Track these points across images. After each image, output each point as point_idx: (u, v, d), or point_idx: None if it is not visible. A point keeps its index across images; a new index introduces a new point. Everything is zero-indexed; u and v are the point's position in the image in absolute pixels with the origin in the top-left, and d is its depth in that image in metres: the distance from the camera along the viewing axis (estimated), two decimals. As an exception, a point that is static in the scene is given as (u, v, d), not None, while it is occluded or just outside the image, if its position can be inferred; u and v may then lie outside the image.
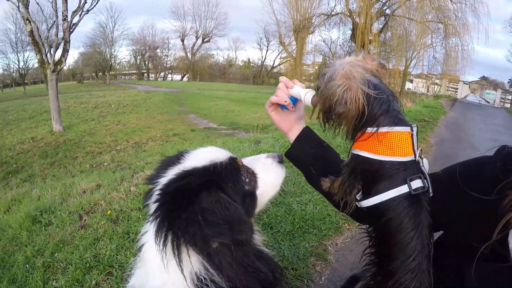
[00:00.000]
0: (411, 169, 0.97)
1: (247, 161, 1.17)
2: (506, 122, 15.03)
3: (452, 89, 32.00)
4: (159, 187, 0.96)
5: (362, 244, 1.08)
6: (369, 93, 0.96)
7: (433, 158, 6.69)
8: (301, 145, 1.33)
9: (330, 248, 3.24)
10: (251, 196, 1.08)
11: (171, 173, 1.00)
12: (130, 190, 4.09)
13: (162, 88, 36.36)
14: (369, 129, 0.98)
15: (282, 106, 1.30)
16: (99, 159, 11.19)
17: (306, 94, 1.21)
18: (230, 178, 1.01)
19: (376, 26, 24.36)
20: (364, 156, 1.00)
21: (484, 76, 54.24)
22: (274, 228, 3.34)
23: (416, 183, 0.96)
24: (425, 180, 0.97)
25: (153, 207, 0.91)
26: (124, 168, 7.77)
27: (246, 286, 0.88)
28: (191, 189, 0.89)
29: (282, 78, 1.30)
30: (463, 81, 29.68)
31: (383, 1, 23.72)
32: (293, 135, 1.35)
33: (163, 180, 0.98)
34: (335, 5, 25.38)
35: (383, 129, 0.97)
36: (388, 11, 24.15)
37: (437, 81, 33.44)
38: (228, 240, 0.84)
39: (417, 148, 0.99)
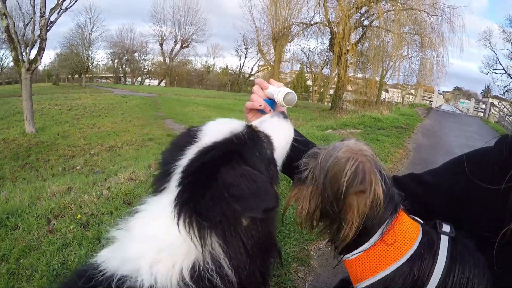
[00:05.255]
0: (432, 234, 0.93)
1: (257, 126, 1.06)
2: (481, 129, 15.41)
3: (427, 99, 32.75)
4: (179, 169, 0.86)
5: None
6: (382, 175, 0.88)
7: (411, 163, 6.74)
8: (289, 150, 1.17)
9: (312, 253, 3.14)
10: (273, 161, 0.98)
11: (190, 153, 0.89)
12: (102, 194, 3.92)
13: (138, 93, 35.83)
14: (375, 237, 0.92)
15: (261, 111, 1.20)
16: (72, 162, 10.87)
17: (278, 93, 1.10)
18: (255, 147, 0.92)
19: (354, 36, 24.90)
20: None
21: (457, 87, 55.91)
22: (253, 234, 3.24)
23: (446, 227, 0.94)
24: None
25: (176, 191, 0.81)
26: (98, 172, 7.57)
27: (252, 275, 0.82)
28: (212, 164, 0.81)
29: (257, 80, 1.21)
30: (438, 91, 30.38)
31: (362, 12, 24.24)
32: None
33: (183, 161, 0.88)
34: (314, 15, 25.86)
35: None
36: (366, 22, 24.70)
37: (412, 91, 34.19)
38: (259, 213, 0.78)
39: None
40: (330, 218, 0.92)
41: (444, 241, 0.90)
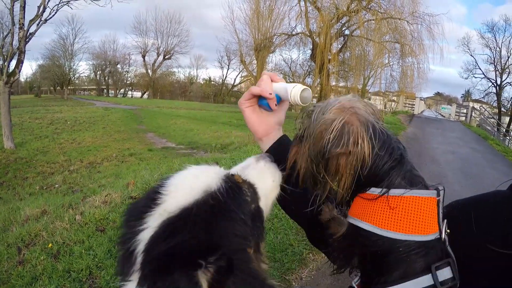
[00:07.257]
0: (435, 252, 0.72)
1: (240, 173, 0.88)
2: (463, 134, 15.59)
3: (409, 105, 33.19)
4: (141, 247, 0.65)
5: (330, 276, 0.92)
6: (374, 133, 0.74)
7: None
8: (277, 156, 0.98)
9: (294, 283, 3.03)
10: (259, 214, 0.82)
11: (152, 222, 0.68)
12: (75, 219, 3.79)
13: (121, 105, 35.44)
14: (374, 190, 0.75)
15: (262, 103, 1.06)
16: (50, 180, 10.56)
17: (294, 88, 0.98)
18: (237, 207, 0.73)
19: (335, 46, 25.18)
20: (366, 230, 0.74)
21: (438, 92, 57.03)
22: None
23: (444, 273, 0.71)
24: (454, 267, 0.72)
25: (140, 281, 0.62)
26: (76, 191, 7.40)
27: None
28: (184, 257, 0.61)
29: (267, 72, 1.07)
30: (419, 98, 30.85)
31: (342, 22, 24.54)
32: (268, 142, 1.09)
33: (143, 235, 0.67)
34: (295, 25, 26.09)
35: (395, 192, 0.74)
36: (347, 32, 25.02)
37: (394, 98, 34.66)
38: None
39: (443, 221, 0.74)
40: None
41: None
